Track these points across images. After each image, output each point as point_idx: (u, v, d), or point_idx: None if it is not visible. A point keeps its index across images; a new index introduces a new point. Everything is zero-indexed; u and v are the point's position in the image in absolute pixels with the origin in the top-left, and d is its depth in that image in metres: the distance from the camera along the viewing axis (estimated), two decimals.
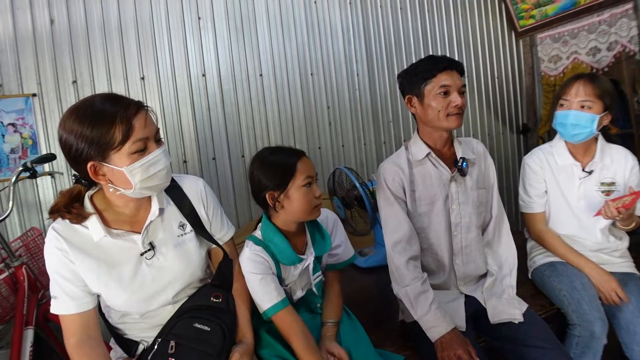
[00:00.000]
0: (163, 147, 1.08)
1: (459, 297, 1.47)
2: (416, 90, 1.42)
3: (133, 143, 1.00)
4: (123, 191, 1.05)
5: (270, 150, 1.30)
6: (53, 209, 1.07)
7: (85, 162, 1.00)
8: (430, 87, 1.38)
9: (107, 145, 0.98)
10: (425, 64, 1.41)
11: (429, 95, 1.39)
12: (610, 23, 2.68)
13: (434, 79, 1.37)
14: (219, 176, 2.49)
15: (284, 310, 1.21)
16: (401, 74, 1.50)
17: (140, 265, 1.12)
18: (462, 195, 1.45)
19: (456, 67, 1.39)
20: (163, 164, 1.07)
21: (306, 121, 2.71)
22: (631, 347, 1.51)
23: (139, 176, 1.02)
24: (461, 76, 1.40)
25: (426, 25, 3.10)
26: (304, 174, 1.22)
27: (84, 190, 1.11)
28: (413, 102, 1.45)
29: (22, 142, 2.07)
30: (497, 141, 3.46)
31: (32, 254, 1.84)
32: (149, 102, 2.29)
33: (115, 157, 1.00)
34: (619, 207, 1.49)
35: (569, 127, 1.60)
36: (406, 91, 1.48)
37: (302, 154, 1.26)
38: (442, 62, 1.38)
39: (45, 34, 2.08)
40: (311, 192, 1.23)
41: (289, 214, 1.26)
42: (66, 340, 1.07)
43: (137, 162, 1.01)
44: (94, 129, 0.97)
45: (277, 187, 1.22)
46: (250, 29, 2.54)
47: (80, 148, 0.98)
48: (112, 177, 1.03)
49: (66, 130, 0.99)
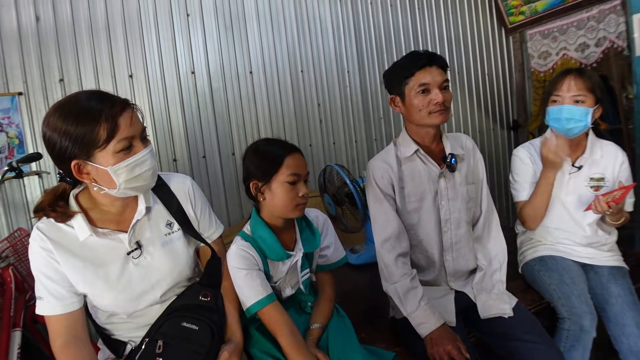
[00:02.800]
0: (150, 147, 1.06)
1: (449, 293, 1.47)
2: (397, 89, 1.41)
3: (118, 142, 0.98)
4: (107, 190, 1.03)
5: (265, 141, 1.31)
6: (37, 207, 1.06)
7: (69, 160, 0.98)
8: (410, 86, 1.36)
9: (92, 143, 0.96)
10: (404, 62, 1.39)
11: (409, 94, 1.37)
12: (599, 19, 2.69)
13: (413, 78, 1.35)
14: (209, 174, 2.47)
15: (269, 306, 1.20)
16: (385, 73, 1.49)
17: (127, 265, 1.11)
18: (452, 191, 1.45)
19: (436, 62, 1.36)
20: (149, 164, 1.05)
21: (297, 118, 2.70)
22: (620, 339, 1.53)
23: (123, 176, 1.01)
24: (444, 71, 1.37)
25: (416, 21, 3.10)
26: (290, 169, 1.21)
27: (69, 189, 1.09)
28: (396, 101, 1.44)
29: (8, 142, 2.04)
30: (488, 137, 3.47)
31: (19, 255, 1.82)
32: (137, 100, 2.27)
33: (100, 156, 0.98)
34: (609, 201, 1.50)
35: (563, 122, 1.60)
36: (389, 91, 1.47)
37: (294, 150, 1.25)
38: (420, 60, 1.35)
39: (30, 32, 2.05)
40: (294, 190, 1.22)
41: (270, 207, 1.26)
42: (52, 342, 1.06)
43: (122, 162, 0.99)
44: (78, 127, 0.95)
45: (262, 177, 1.23)
46: (239, 25, 2.52)
47: (64, 146, 0.96)
48: (96, 176, 1.01)
49: (50, 127, 0.97)
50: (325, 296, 1.37)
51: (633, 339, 1.49)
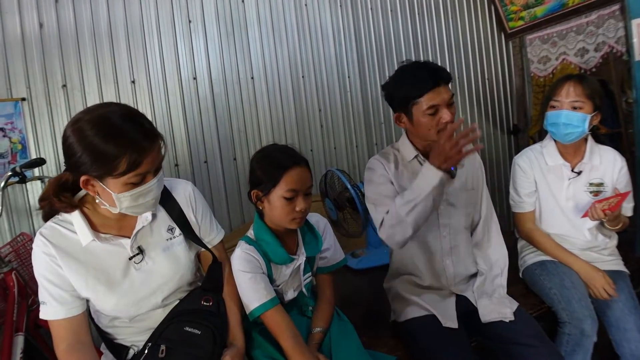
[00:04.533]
0: (159, 175, 1.06)
1: (450, 297, 1.47)
2: (404, 109, 1.36)
3: (133, 176, 0.98)
4: (108, 207, 1.04)
5: (273, 148, 1.31)
6: (43, 196, 1.07)
7: (81, 173, 0.98)
8: (418, 107, 1.32)
9: (109, 171, 0.95)
10: (410, 82, 1.33)
11: (417, 114, 1.33)
12: (598, 24, 2.70)
13: (421, 99, 1.30)
14: (211, 179, 2.48)
15: (272, 310, 1.20)
16: (386, 86, 1.43)
17: (129, 270, 1.12)
18: (451, 196, 1.45)
19: (443, 79, 1.31)
20: (153, 195, 1.06)
21: (298, 124, 2.71)
22: (621, 343, 1.53)
23: (126, 204, 1.02)
24: (448, 85, 1.33)
25: (416, 27, 3.11)
26: (288, 186, 1.20)
27: (71, 178, 1.05)
28: (402, 119, 1.40)
29: (11, 147, 2.05)
30: (488, 142, 3.48)
31: (22, 260, 1.82)
32: (139, 105, 2.28)
33: (111, 182, 0.98)
34: (605, 209, 1.51)
35: (561, 127, 1.61)
36: (394, 108, 1.43)
37: (296, 164, 1.22)
38: (428, 82, 1.29)
39: (34, 38, 2.06)
40: (291, 205, 1.21)
41: (269, 216, 1.28)
42: (56, 347, 1.06)
43: (128, 191, 1.00)
44: (103, 148, 0.93)
45: (262, 187, 1.24)
46: (241, 31, 2.54)
47: (83, 161, 0.94)
48: (101, 193, 1.02)
49: (76, 135, 0.94)
50: (325, 299, 1.37)
51: (634, 343, 1.50)
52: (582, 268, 1.61)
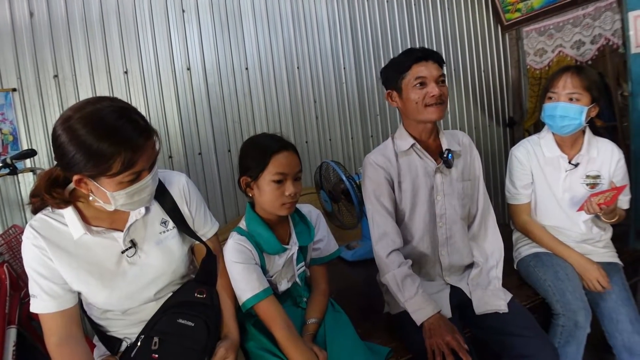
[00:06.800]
0: (154, 171, 1.04)
1: (445, 288, 1.48)
2: (394, 84, 1.42)
3: (128, 175, 0.96)
4: (102, 204, 1.03)
5: (261, 136, 1.32)
6: (34, 192, 1.05)
7: (74, 172, 0.95)
8: (407, 79, 1.39)
9: (103, 171, 0.93)
10: (401, 57, 1.42)
11: (406, 88, 1.39)
12: (595, 16, 2.69)
13: (410, 71, 1.38)
14: (205, 171, 2.46)
15: (265, 300, 1.20)
16: (382, 69, 1.51)
17: (121, 263, 1.10)
18: (448, 186, 1.45)
19: (432, 57, 1.39)
20: (148, 191, 1.05)
21: (293, 115, 2.69)
22: (614, 335, 1.54)
23: (121, 201, 1.01)
24: (440, 66, 1.40)
25: (412, 18, 3.09)
26: (276, 169, 1.21)
27: (62, 174, 1.04)
28: (393, 96, 1.46)
29: (2, 138, 2.02)
30: (484, 134, 3.48)
31: (14, 252, 1.80)
32: (132, 97, 2.26)
33: (105, 181, 0.96)
34: (601, 203, 1.51)
35: (557, 119, 1.61)
36: (386, 86, 1.48)
37: (283, 148, 1.23)
38: (416, 53, 1.38)
39: (24, 27, 2.03)
40: (280, 189, 1.22)
41: (259, 203, 1.28)
42: (47, 340, 1.05)
43: (123, 189, 0.98)
44: (97, 148, 0.89)
45: (250, 173, 1.24)
46: (235, 21, 2.51)
47: (76, 160, 0.91)
48: (95, 192, 1.00)
49: (67, 133, 0.91)
50: (319, 290, 1.38)
51: (626, 335, 1.51)
52: (577, 260, 1.61)
